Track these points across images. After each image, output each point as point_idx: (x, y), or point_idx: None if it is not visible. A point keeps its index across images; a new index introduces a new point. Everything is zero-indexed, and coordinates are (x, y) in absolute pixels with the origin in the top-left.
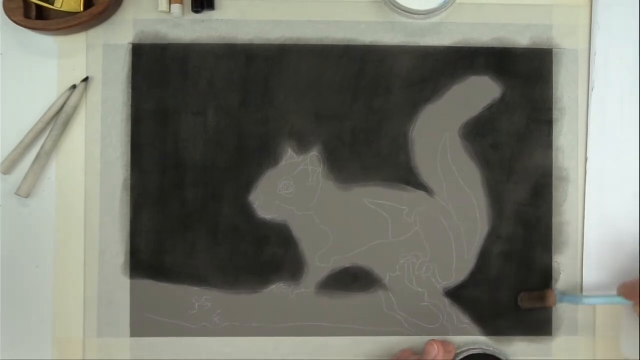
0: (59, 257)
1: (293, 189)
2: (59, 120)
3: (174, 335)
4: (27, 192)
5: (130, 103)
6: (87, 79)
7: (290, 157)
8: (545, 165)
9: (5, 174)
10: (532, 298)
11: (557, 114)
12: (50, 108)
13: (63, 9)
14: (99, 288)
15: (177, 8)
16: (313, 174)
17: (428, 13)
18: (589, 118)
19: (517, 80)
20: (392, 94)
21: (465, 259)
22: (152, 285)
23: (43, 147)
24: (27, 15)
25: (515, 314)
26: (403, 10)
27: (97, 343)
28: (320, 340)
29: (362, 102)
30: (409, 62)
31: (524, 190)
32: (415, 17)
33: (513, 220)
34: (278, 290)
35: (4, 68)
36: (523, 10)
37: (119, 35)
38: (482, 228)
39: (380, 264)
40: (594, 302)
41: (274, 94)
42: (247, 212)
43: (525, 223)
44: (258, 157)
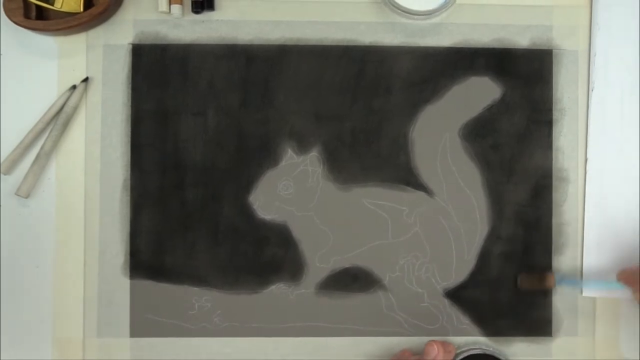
0: (59, 257)
1: (293, 190)
2: (59, 121)
3: (174, 336)
4: (27, 192)
5: (130, 103)
6: (87, 79)
7: (290, 157)
8: (545, 166)
9: (5, 174)
10: (531, 279)
11: (557, 115)
12: (50, 108)
13: (63, 9)
14: (99, 288)
15: (177, 8)
16: (313, 175)
17: (428, 13)
18: (589, 118)
19: (517, 81)
20: (392, 95)
21: (465, 260)
22: (152, 286)
23: (43, 147)
24: (27, 16)
25: (515, 315)
26: (403, 11)
27: (97, 343)
28: (320, 341)
29: (361, 102)
30: (409, 62)
31: (524, 191)
32: (415, 17)
33: (513, 221)
34: (278, 291)
35: (4, 68)
36: (523, 11)
37: (119, 36)
38: (481, 228)
39: (380, 265)
40: (593, 286)
41: (274, 94)
42: (247, 212)
43: (525, 223)
44: (258, 157)
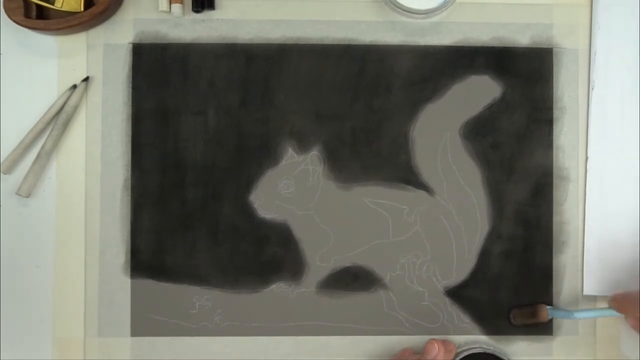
0: (59, 257)
1: (293, 189)
2: (59, 120)
3: (175, 335)
4: (27, 191)
5: (131, 103)
6: (87, 79)
7: (291, 156)
8: (546, 165)
9: (6, 174)
10: (523, 314)
11: (557, 113)
12: (51, 108)
13: (63, 9)
14: (100, 288)
15: (177, 8)
16: (313, 174)
17: (428, 12)
18: (589, 117)
19: (517, 80)
20: (392, 94)
21: (466, 259)
22: (152, 285)
23: (43, 147)
24: (27, 15)
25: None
26: (403, 10)
27: (97, 343)
28: (321, 340)
29: (362, 101)
30: (409, 61)
31: (524, 190)
32: (416, 16)
33: (513, 220)
34: (278, 290)
35: (4, 68)
36: (523, 10)
37: (119, 35)
38: (482, 227)
39: (381, 264)
40: (585, 315)
41: (274, 94)
42: (247, 211)
43: (526, 222)
44: (258, 156)
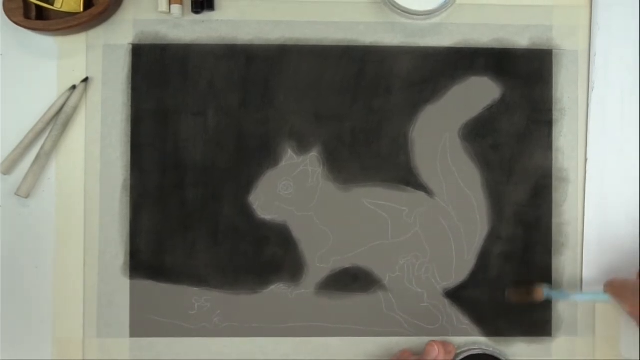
0: (59, 257)
1: (293, 190)
2: (59, 121)
3: (174, 336)
4: (27, 192)
5: (130, 103)
6: (87, 79)
7: (290, 157)
8: (545, 166)
9: (5, 174)
10: (519, 292)
11: (557, 115)
12: (50, 108)
13: (63, 10)
14: (99, 288)
15: (177, 8)
16: (313, 175)
17: (428, 14)
18: (589, 119)
19: (517, 81)
20: (391, 95)
21: (465, 260)
22: (151, 286)
23: (43, 147)
24: (27, 16)
25: (515, 314)
26: (403, 11)
27: (96, 343)
28: (320, 341)
29: (361, 102)
30: (409, 62)
31: (524, 191)
32: (415, 17)
33: (513, 221)
34: (278, 291)
35: (4, 68)
36: (523, 11)
37: (119, 36)
38: (481, 228)
39: (380, 265)
40: (581, 298)
41: (274, 94)
42: (246, 212)
43: (525, 224)
44: (258, 157)
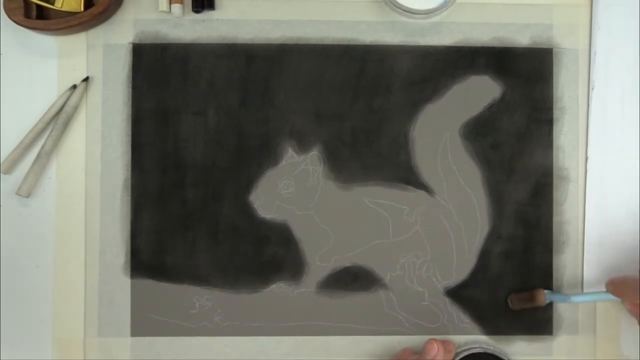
0: (59, 257)
1: (293, 189)
2: (59, 120)
3: (175, 335)
4: (27, 191)
5: (131, 103)
6: (87, 79)
7: (291, 156)
8: (546, 165)
9: (6, 174)
10: (521, 299)
11: (557, 114)
12: (51, 108)
13: (63, 9)
14: (100, 288)
15: (177, 8)
16: (313, 174)
17: (428, 12)
18: (589, 117)
19: (517, 80)
20: (392, 94)
21: (466, 259)
22: (152, 285)
23: (43, 147)
24: (27, 15)
25: (516, 313)
26: (403, 10)
27: (97, 343)
28: (321, 340)
29: (362, 101)
30: (409, 61)
31: (524, 190)
32: (416, 16)
33: (513, 220)
34: (278, 290)
35: (4, 68)
36: (523, 10)
37: (119, 35)
38: (482, 227)
39: (381, 264)
40: (582, 299)
41: (274, 94)
42: (247, 211)
43: (526, 222)
44: (258, 156)
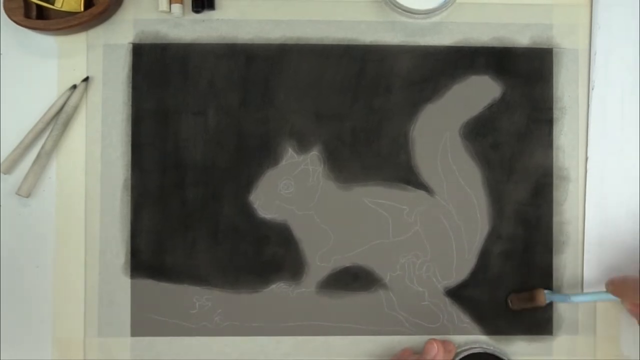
0: (59, 257)
1: (293, 189)
2: (59, 120)
3: (175, 335)
4: (27, 191)
5: (131, 103)
6: (87, 79)
7: (291, 156)
8: (546, 165)
9: (6, 174)
10: (521, 299)
11: (557, 114)
12: (51, 108)
13: (63, 9)
14: (100, 288)
15: (177, 8)
16: (313, 174)
17: (428, 12)
18: (589, 117)
19: (517, 80)
20: (392, 94)
21: (466, 259)
22: (152, 285)
23: (43, 147)
24: (27, 15)
25: (516, 313)
26: (403, 10)
27: (97, 343)
28: (321, 340)
29: (362, 101)
30: (409, 61)
31: (524, 190)
32: (416, 16)
33: (513, 220)
34: (278, 290)
35: (4, 68)
36: (523, 10)
37: (119, 35)
38: (482, 227)
39: (381, 264)
40: (582, 299)
41: (274, 94)
42: (247, 211)
43: (526, 222)
44: (258, 156)
